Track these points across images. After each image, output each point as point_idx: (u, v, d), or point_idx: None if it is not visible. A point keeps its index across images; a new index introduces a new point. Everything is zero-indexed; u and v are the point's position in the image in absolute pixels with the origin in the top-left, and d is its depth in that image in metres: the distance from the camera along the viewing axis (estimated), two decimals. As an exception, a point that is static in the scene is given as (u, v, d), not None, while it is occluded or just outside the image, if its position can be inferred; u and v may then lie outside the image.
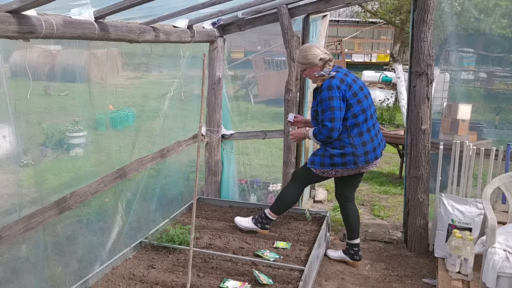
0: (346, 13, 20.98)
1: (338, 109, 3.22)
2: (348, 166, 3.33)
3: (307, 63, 3.34)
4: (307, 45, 3.48)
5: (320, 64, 3.33)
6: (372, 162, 3.38)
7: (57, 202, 2.78)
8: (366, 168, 3.43)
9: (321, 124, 3.28)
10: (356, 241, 3.72)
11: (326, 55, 3.35)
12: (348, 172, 3.41)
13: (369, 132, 3.34)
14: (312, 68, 3.35)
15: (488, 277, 2.86)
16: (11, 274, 2.66)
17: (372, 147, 3.34)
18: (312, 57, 3.31)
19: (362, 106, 3.30)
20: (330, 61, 3.37)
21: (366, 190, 5.99)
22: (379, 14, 11.51)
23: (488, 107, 4.99)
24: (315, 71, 3.34)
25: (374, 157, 3.37)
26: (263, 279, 2.97)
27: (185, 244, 3.44)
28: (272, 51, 6.96)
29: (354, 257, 3.74)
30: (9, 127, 2.59)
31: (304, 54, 3.36)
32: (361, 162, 3.32)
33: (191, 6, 3.10)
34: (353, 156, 3.29)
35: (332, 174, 3.45)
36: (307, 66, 3.36)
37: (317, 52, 3.32)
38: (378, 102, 12.79)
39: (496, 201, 3.97)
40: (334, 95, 3.22)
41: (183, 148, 4.35)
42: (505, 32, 4.69)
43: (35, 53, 2.75)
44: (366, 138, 3.32)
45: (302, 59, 3.37)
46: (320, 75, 3.32)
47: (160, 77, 4.77)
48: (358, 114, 3.28)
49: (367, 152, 3.32)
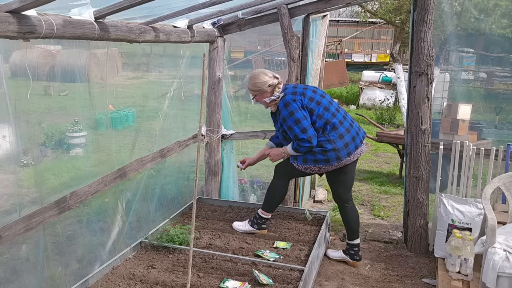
0: (346, 13, 20.99)
1: (304, 119, 3.32)
2: (331, 162, 3.37)
3: (257, 90, 3.45)
4: (256, 72, 3.54)
5: (270, 89, 3.43)
6: (353, 153, 3.40)
7: (57, 202, 2.78)
8: (350, 160, 3.43)
9: (296, 141, 3.35)
10: (356, 241, 3.72)
11: (274, 79, 3.45)
12: (332, 168, 3.43)
13: (342, 125, 3.40)
14: (262, 94, 3.45)
15: (488, 277, 2.86)
16: (11, 274, 2.66)
17: (351, 138, 3.39)
18: (261, 84, 3.42)
19: (323, 105, 3.39)
20: (279, 84, 3.47)
21: (366, 190, 5.99)
22: (379, 14, 11.52)
23: (488, 107, 5.00)
24: (266, 97, 3.45)
25: (355, 147, 3.40)
26: (263, 279, 2.97)
27: (185, 244, 3.44)
28: (272, 51, 6.95)
29: (355, 257, 3.74)
30: (9, 127, 2.59)
31: (253, 82, 3.47)
32: (344, 156, 3.36)
33: (191, 6, 3.10)
34: (334, 151, 3.33)
35: (315, 171, 3.48)
36: (257, 93, 3.47)
37: (266, 79, 3.42)
38: (378, 102, 12.80)
39: (496, 201, 3.97)
40: (293, 108, 3.33)
41: (183, 148, 4.35)
42: (505, 32, 4.69)
43: (35, 53, 2.75)
44: (342, 131, 3.37)
45: (252, 86, 3.48)
46: (272, 100, 3.45)
47: (160, 77, 4.77)
48: (322, 114, 3.36)
49: (347, 144, 3.36)
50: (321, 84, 5.39)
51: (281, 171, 3.67)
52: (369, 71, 14.37)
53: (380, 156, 7.93)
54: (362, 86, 13.40)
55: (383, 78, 13.18)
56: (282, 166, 3.67)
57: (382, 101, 12.69)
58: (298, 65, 4.28)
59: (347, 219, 3.67)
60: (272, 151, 3.64)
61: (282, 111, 3.38)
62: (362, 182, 6.35)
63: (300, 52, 4.32)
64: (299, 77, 4.33)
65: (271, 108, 3.55)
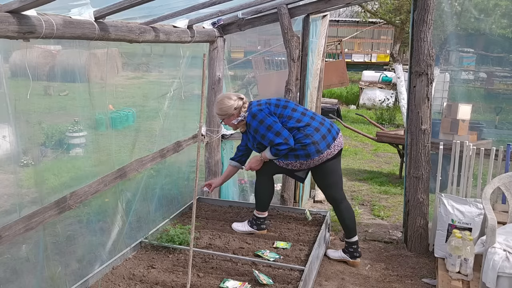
0: (346, 13, 20.98)
1: (275, 123, 3.39)
2: (312, 157, 3.40)
3: (224, 114, 3.52)
4: (220, 97, 3.61)
5: (236, 112, 3.51)
6: (332, 144, 3.44)
7: (57, 202, 2.77)
8: (331, 153, 3.45)
9: (274, 146, 3.39)
10: (354, 239, 3.72)
11: (239, 101, 3.52)
12: (314, 163, 3.46)
13: (315, 120, 3.48)
14: (229, 117, 3.52)
15: (488, 277, 2.86)
16: (11, 274, 2.66)
17: (326, 130, 3.45)
18: (227, 108, 3.49)
19: (290, 108, 3.49)
20: (244, 104, 3.55)
21: (366, 190, 5.99)
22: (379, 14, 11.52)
23: (488, 107, 5.00)
24: (233, 119, 3.51)
25: (332, 138, 3.45)
26: (263, 279, 2.97)
27: (185, 244, 3.44)
28: (272, 51, 6.95)
29: (354, 255, 3.74)
30: (9, 127, 2.59)
31: (219, 107, 3.54)
32: (323, 148, 3.40)
33: (191, 6, 3.11)
34: (314, 144, 3.37)
35: (296, 166, 3.51)
36: (224, 116, 3.54)
37: (231, 103, 3.49)
38: (378, 102, 12.79)
39: (496, 201, 3.97)
40: (262, 117, 3.41)
41: (183, 148, 4.35)
42: (505, 32, 4.69)
43: (35, 53, 2.75)
44: (316, 125, 3.44)
45: (218, 111, 3.56)
46: (239, 121, 3.51)
47: (160, 77, 4.77)
48: (291, 115, 3.45)
49: (324, 136, 3.42)
50: (321, 84, 5.39)
51: (263, 169, 3.68)
52: (369, 71, 14.37)
53: (380, 156, 7.94)
54: (362, 86, 13.41)
55: (383, 78, 13.18)
56: (263, 164, 3.68)
57: (382, 101, 12.69)
58: (298, 65, 4.28)
59: (343, 218, 3.68)
60: (251, 161, 3.66)
61: (252, 123, 3.45)
62: (362, 182, 6.35)
63: (300, 52, 4.33)
64: (299, 77, 4.33)
65: (240, 129, 3.63)
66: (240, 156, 3.81)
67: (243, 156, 3.81)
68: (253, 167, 3.66)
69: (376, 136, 6.53)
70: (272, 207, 4.28)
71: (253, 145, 3.61)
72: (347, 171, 6.92)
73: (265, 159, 3.56)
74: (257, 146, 3.58)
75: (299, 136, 3.39)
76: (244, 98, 3.59)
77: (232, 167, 3.87)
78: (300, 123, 3.42)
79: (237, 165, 3.84)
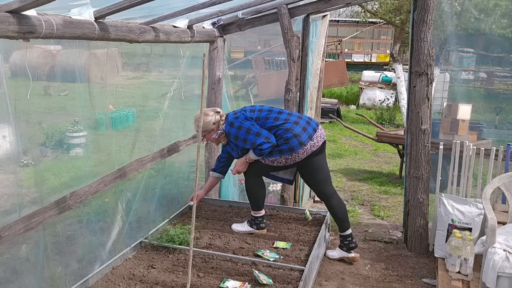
0: (346, 13, 20.98)
1: (253, 126, 3.45)
2: (296, 150, 3.42)
3: (204, 131, 3.54)
4: (197, 114, 3.59)
5: (215, 126, 3.56)
6: (314, 135, 3.47)
7: (57, 202, 2.77)
8: (314, 145, 3.47)
9: (257, 148, 3.41)
10: (348, 231, 3.72)
11: (217, 115, 3.57)
12: (299, 157, 3.47)
13: (292, 115, 3.54)
14: (209, 133, 3.57)
15: (488, 277, 2.86)
16: (11, 274, 2.66)
17: (305, 122, 3.51)
18: (206, 125, 3.53)
19: (265, 110, 3.54)
20: (222, 117, 3.59)
21: (366, 190, 5.99)
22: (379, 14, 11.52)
23: (488, 107, 5.00)
24: (214, 134, 3.58)
25: (313, 130, 3.49)
26: (263, 279, 2.97)
27: (185, 244, 3.44)
28: (272, 51, 6.96)
29: (350, 246, 3.74)
30: (9, 127, 2.59)
31: (198, 124, 3.51)
32: (306, 140, 3.43)
33: (191, 6, 3.10)
34: (296, 137, 3.40)
35: (282, 162, 3.52)
36: (205, 133, 3.57)
37: (209, 119, 3.54)
38: (378, 102, 12.79)
39: (496, 201, 3.97)
40: (239, 123, 3.46)
41: (183, 148, 4.35)
42: (505, 32, 4.69)
43: (35, 53, 2.75)
44: (294, 119, 3.50)
45: (198, 128, 3.52)
46: (219, 134, 3.57)
47: (160, 77, 4.77)
48: (268, 115, 3.51)
49: (304, 128, 3.46)
50: (321, 84, 5.39)
51: (249, 170, 3.68)
52: (369, 71, 14.37)
53: (380, 156, 7.94)
54: (362, 86, 13.41)
55: (383, 78, 13.18)
56: (250, 165, 3.67)
57: (382, 101, 12.69)
58: (298, 65, 4.28)
59: (334, 212, 3.70)
60: (237, 165, 3.66)
61: (231, 131, 3.48)
62: (362, 182, 6.35)
63: (300, 52, 4.33)
64: (299, 77, 4.33)
65: (222, 142, 3.66)
66: (221, 167, 3.84)
67: (224, 166, 3.84)
68: (239, 170, 3.66)
69: (376, 136, 6.53)
70: (272, 207, 4.28)
71: (238, 154, 3.63)
72: (347, 171, 6.93)
73: (250, 160, 3.56)
74: (241, 153, 3.59)
75: (280, 132, 3.43)
76: (221, 111, 3.63)
77: (214, 178, 3.91)
78: (278, 121, 3.47)
79: (219, 176, 3.88)
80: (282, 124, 3.44)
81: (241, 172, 3.69)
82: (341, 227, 3.73)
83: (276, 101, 5.24)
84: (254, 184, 3.72)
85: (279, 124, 3.45)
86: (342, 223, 3.70)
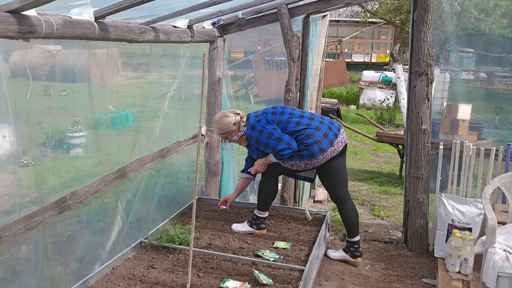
0: (346, 13, 20.96)
1: (274, 130, 3.41)
2: (316, 156, 3.40)
3: (225, 132, 3.58)
4: (217, 116, 3.65)
5: (236, 127, 3.56)
6: (335, 141, 3.45)
7: (57, 202, 2.77)
8: (334, 151, 3.45)
9: (278, 153, 3.41)
10: (356, 238, 3.73)
11: (237, 116, 3.57)
12: (318, 162, 3.46)
13: (314, 120, 3.50)
14: (231, 134, 3.58)
15: (488, 277, 2.86)
16: (11, 274, 2.66)
17: (327, 127, 3.47)
18: (226, 126, 3.55)
19: (287, 113, 3.51)
20: (242, 118, 3.59)
21: (366, 190, 5.99)
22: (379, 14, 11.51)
23: (488, 107, 4.99)
24: (235, 135, 3.58)
25: (334, 135, 3.46)
26: (263, 279, 2.97)
27: (185, 244, 3.44)
28: (272, 51, 6.96)
29: (356, 254, 3.75)
30: (9, 127, 2.59)
31: (218, 127, 3.58)
32: (326, 146, 3.40)
33: (191, 6, 3.11)
34: (316, 143, 3.38)
35: (301, 167, 3.52)
36: (226, 134, 3.59)
37: (229, 120, 3.54)
38: (378, 102, 12.79)
39: (496, 201, 3.97)
40: (260, 127, 3.44)
41: (183, 148, 4.35)
42: (505, 32, 4.69)
43: (35, 53, 2.75)
44: (315, 124, 3.46)
45: (219, 130, 3.59)
46: (240, 136, 3.58)
47: (160, 77, 4.76)
48: (290, 119, 3.46)
49: (326, 134, 3.43)
50: (321, 84, 5.39)
51: (268, 171, 3.70)
52: (369, 71, 14.36)
53: (380, 156, 7.93)
54: (362, 86, 13.40)
55: (383, 78, 13.18)
56: (269, 166, 3.68)
57: (382, 101, 12.69)
58: (298, 65, 4.28)
59: (347, 217, 3.68)
60: (256, 165, 3.66)
61: (252, 134, 3.48)
62: (362, 182, 6.35)
63: (300, 52, 4.33)
64: (299, 77, 4.33)
65: (243, 144, 3.67)
66: (249, 167, 3.82)
67: (251, 166, 3.81)
68: (258, 170, 3.68)
69: (376, 136, 6.53)
70: (272, 207, 4.28)
71: (258, 156, 3.65)
72: (347, 171, 6.92)
73: (270, 162, 3.58)
74: (262, 155, 3.61)
75: (301, 137, 3.40)
76: (241, 112, 3.63)
77: (244, 180, 3.90)
78: (299, 125, 3.44)
79: (249, 177, 3.87)
80: (304, 130, 3.41)
81: (260, 172, 3.70)
82: (350, 232, 3.73)
83: (276, 101, 5.24)
84: (268, 185, 3.73)
85: (300, 129, 3.42)
86: (352, 229, 3.70)
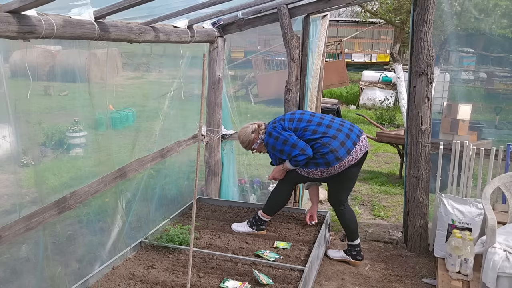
0: (346, 13, 20.97)
1: (290, 136, 3.42)
2: (332, 164, 3.37)
3: (247, 142, 3.70)
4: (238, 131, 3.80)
5: (255, 135, 3.68)
6: (352, 150, 3.39)
7: (57, 202, 2.78)
8: (352, 159, 3.40)
9: (293, 159, 3.42)
10: (356, 241, 3.73)
11: (254, 125, 3.67)
12: (335, 171, 3.43)
13: (331, 127, 3.44)
14: (252, 142, 3.70)
15: (488, 277, 2.86)
16: (11, 274, 2.65)
17: (344, 136, 3.40)
18: (246, 136, 3.69)
19: (305, 120, 3.49)
20: (261, 126, 3.68)
21: (366, 190, 5.99)
22: (379, 14, 11.51)
23: (488, 107, 4.99)
24: (255, 143, 3.69)
25: (352, 144, 3.40)
26: (263, 279, 2.97)
27: (185, 244, 3.44)
28: (272, 51, 6.96)
29: (357, 257, 3.76)
30: (9, 127, 2.59)
31: (240, 139, 3.71)
32: (343, 155, 3.35)
33: (191, 6, 3.11)
34: (332, 152, 3.34)
35: (318, 175, 3.50)
36: (248, 144, 3.71)
37: (246, 130, 3.69)
38: (378, 102, 12.79)
39: (496, 201, 3.97)
40: (276, 133, 3.47)
41: (183, 148, 4.35)
42: (505, 32, 4.68)
43: (35, 53, 2.75)
44: (332, 133, 3.40)
45: (242, 142, 3.73)
46: (259, 144, 3.67)
47: (160, 77, 4.76)
48: (307, 127, 3.44)
49: (343, 143, 3.37)
50: (321, 84, 5.39)
51: (285, 178, 3.70)
52: (369, 71, 14.37)
53: (380, 156, 7.93)
54: (362, 86, 13.41)
55: (383, 78, 13.18)
56: (287, 173, 3.68)
57: (382, 101, 12.69)
58: (298, 65, 4.28)
59: (345, 220, 3.68)
60: (274, 171, 3.69)
61: (269, 141, 3.52)
62: (362, 182, 6.35)
63: (300, 52, 4.32)
64: (299, 77, 4.33)
65: (262, 151, 3.73)
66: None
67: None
68: (276, 177, 3.69)
69: (376, 136, 6.53)
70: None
71: (276, 162, 3.68)
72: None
73: (287, 169, 3.58)
74: (279, 163, 3.63)
75: (317, 146, 3.39)
76: (261, 122, 3.70)
77: (312, 188, 3.96)
78: (316, 134, 3.41)
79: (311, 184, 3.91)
80: (320, 138, 3.38)
81: (277, 179, 3.72)
82: (350, 236, 3.74)
83: (276, 101, 5.25)
84: (282, 191, 3.73)
85: (316, 137, 3.39)
86: (351, 232, 3.71)
